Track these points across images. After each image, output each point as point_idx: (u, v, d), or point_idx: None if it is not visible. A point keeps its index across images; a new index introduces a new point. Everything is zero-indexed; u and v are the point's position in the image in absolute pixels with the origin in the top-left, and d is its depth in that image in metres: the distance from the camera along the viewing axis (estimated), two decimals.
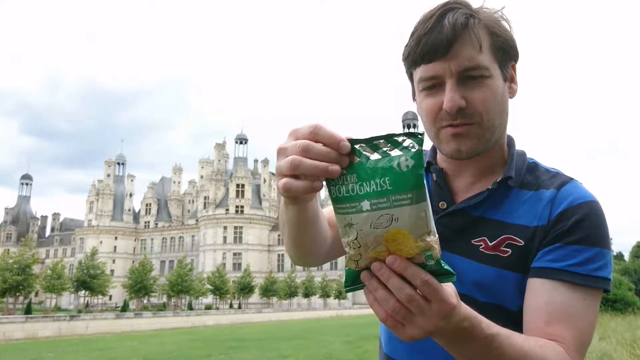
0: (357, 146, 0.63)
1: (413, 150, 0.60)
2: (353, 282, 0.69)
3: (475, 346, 0.77)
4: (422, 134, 0.61)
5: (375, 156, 0.62)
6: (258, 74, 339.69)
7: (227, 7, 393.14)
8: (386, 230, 0.62)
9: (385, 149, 0.62)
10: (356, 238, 0.64)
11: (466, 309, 0.73)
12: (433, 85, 0.98)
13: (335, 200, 0.65)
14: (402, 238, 0.62)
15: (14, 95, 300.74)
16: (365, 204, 0.62)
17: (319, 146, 0.65)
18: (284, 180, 0.68)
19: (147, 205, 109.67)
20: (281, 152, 0.69)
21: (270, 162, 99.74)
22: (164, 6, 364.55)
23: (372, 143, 0.63)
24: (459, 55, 0.93)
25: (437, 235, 0.64)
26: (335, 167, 0.63)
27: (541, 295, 0.92)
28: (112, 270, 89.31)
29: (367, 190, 0.62)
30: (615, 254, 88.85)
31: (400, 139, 0.61)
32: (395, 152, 0.61)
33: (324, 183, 0.67)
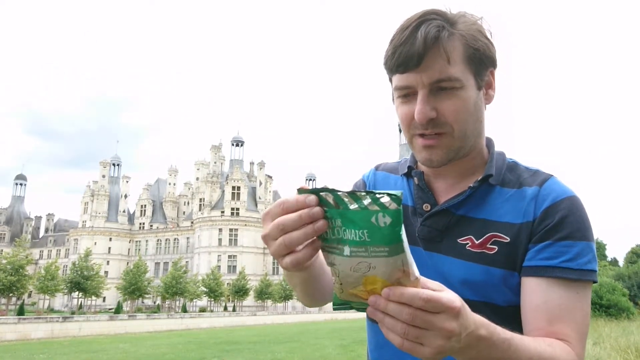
0: (339, 193, 0.66)
1: (391, 208, 0.62)
2: (339, 305, 0.74)
3: (496, 352, 0.78)
4: (400, 194, 0.63)
5: (354, 206, 0.64)
6: (255, 77, 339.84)
7: (225, 9, 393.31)
8: (364, 276, 0.66)
9: (365, 202, 0.63)
10: (338, 275, 0.69)
11: (478, 317, 0.75)
12: (407, 94, 1.00)
13: (321, 238, 0.70)
14: (379, 283, 0.66)
15: (15, 96, 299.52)
16: (346, 250, 0.65)
17: (292, 216, 0.68)
18: (289, 258, 0.71)
19: (142, 206, 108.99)
20: (268, 238, 0.73)
21: (267, 165, 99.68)
22: (163, 8, 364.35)
23: (354, 194, 0.65)
24: (430, 68, 0.95)
25: (417, 276, 0.67)
26: (319, 224, 0.66)
27: (538, 294, 0.95)
28: (106, 272, 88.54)
29: (348, 238, 0.65)
30: (610, 259, 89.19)
31: (379, 195, 0.63)
32: (374, 207, 0.63)
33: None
